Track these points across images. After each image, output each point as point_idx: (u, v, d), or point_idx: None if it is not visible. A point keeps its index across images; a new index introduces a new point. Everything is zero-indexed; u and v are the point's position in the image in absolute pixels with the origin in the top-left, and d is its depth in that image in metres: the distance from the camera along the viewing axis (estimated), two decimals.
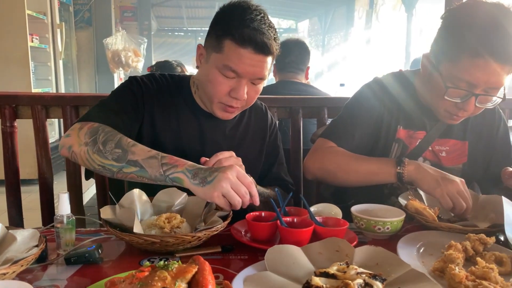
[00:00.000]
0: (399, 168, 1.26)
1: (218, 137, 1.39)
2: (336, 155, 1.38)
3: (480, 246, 0.98)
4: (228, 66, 1.21)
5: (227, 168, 1.03)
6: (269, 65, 1.25)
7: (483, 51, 1.19)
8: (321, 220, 1.11)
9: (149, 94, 1.33)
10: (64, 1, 5.37)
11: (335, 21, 10.66)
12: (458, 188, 1.19)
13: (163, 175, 1.07)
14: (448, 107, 1.31)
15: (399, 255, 0.96)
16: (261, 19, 1.21)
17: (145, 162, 1.08)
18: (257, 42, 1.18)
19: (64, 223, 1.00)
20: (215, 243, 1.06)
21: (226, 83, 1.23)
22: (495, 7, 1.23)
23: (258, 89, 1.30)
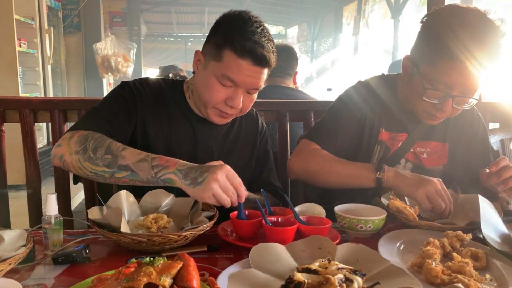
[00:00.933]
0: (379, 173, 1.30)
1: (210, 142, 1.41)
2: (319, 157, 1.42)
3: (457, 243, 1.02)
4: (227, 76, 1.23)
5: (217, 168, 1.05)
6: (265, 76, 1.29)
7: (460, 54, 1.23)
8: (305, 219, 1.14)
9: (142, 99, 1.34)
10: (52, 6, 5.35)
11: (324, 27, 10.77)
12: (437, 188, 1.22)
13: (154, 177, 1.08)
14: (426, 107, 1.36)
15: (380, 252, 0.99)
16: (261, 32, 1.23)
17: (136, 165, 1.10)
18: (257, 55, 1.20)
19: (52, 224, 1.01)
20: (201, 242, 1.08)
21: (223, 91, 1.26)
22: (472, 12, 1.28)
23: (253, 98, 1.33)
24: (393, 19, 6.52)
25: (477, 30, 1.24)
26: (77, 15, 5.76)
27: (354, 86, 1.57)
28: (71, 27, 5.78)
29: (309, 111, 2.00)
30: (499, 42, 1.25)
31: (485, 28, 1.24)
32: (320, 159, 1.42)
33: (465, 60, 1.23)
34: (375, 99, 1.50)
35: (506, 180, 1.27)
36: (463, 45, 1.23)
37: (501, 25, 1.26)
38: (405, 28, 6.37)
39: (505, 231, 1.12)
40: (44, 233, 1.02)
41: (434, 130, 1.51)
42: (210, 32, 1.30)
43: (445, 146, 1.53)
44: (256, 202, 1.13)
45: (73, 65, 5.90)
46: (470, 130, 1.56)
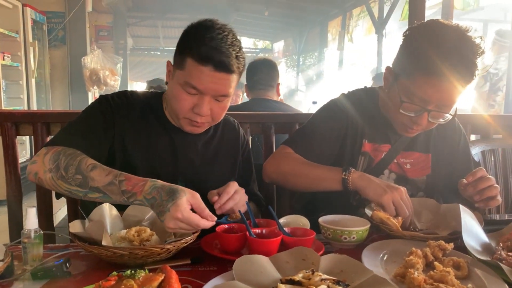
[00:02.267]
0: (344, 174, 1.32)
1: (191, 152, 1.41)
2: (290, 160, 1.45)
3: (439, 252, 1.03)
4: (189, 83, 1.23)
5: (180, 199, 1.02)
6: (233, 83, 1.27)
7: (437, 70, 1.25)
8: (289, 230, 1.14)
9: (120, 113, 1.33)
10: (37, 20, 5.32)
11: (309, 42, 10.92)
12: (402, 196, 1.25)
13: (127, 201, 1.10)
14: (403, 120, 1.38)
15: (364, 263, 0.99)
16: (223, 38, 1.22)
17: (106, 189, 1.11)
18: (216, 61, 1.20)
19: (31, 238, 0.99)
20: (185, 255, 1.07)
21: (189, 99, 1.26)
22: (453, 29, 1.30)
23: (224, 106, 1.31)
24: (377, 34, 6.65)
25: (456, 47, 1.26)
26: (62, 28, 5.73)
27: (337, 98, 1.60)
28: (56, 40, 5.73)
29: (294, 123, 2.02)
30: (477, 60, 1.27)
31: (463, 45, 1.27)
32: (291, 162, 1.44)
33: (442, 76, 1.26)
34: (358, 111, 1.52)
35: (481, 191, 1.28)
36: (441, 61, 1.25)
37: (480, 43, 1.28)
38: (388, 43, 6.49)
39: (485, 240, 1.13)
40: (24, 247, 0.99)
41: (417, 141, 1.54)
42: (178, 42, 1.30)
43: (428, 157, 1.56)
44: (241, 214, 1.12)
45: (58, 79, 5.84)
46: (452, 141, 1.59)
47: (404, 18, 5.72)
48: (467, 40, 1.28)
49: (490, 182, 1.29)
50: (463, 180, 1.33)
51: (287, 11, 9.24)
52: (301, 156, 1.45)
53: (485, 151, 2.08)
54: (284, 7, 8.80)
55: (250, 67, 2.72)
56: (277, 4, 8.43)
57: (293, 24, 10.93)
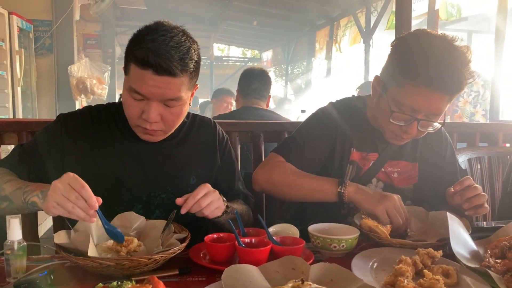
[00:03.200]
0: (340, 188, 1.32)
1: (159, 158, 1.36)
2: (283, 170, 1.44)
3: (428, 260, 1.03)
4: (133, 88, 1.19)
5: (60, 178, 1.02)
6: (183, 86, 1.20)
7: (426, 80, 1.27)
8: (278, 239, 1.13)
9: (75, 131, 1.31)
10: (24, 28, 5.26)
11: (298, 52, 11.00)
12: (395, 204, 1.26)
13: (24, 202, 1.10)
14: (393, 129, 1.39)
15: (353, 271, 0.99)
16: (165, 39, 1.15)
17: (12, 194, 1.13)
18: (156, 64, 1.13)
19: (14, 249, 0.97)
20: (173, 266, 1.06)
21: (136, 105, 1.21)
22: (440, 39, 1.32)
23: (177, 112, 1.25)
24: (364, 44, 6.73)
25: (444, 57, 1.28)
26: (49, 37, 5.67)
27: (325, 107, 1.60)
28: (43, 48, 5.66)
29: (283, 132, 2.02)
30: (465, 69, 1.29)
31: (451, 55, 1.28)
32: (284, 172, 1.43)
33: (431, 86, 1.27)
34: (346, 120, 1.53)
35: (470, 199, 1.29)
36: (429, 71, 1.27)
37: (467, 52, 1.31)
38: (376, 52, 6.57)
39: (473, 247, 1.14)
40: (6, 259, 0.97)
41: (404, 150, 1.55)
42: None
43: (415, 166, 1.57)
44: (230, 223, 1.11)
45: (45, 87, 5.76)
46: (438, 150, 1.60)
47: (389, 28, 5.80)
48: (454, 49, 1.30)
49: (477, 191, 1.30)
50: (450, 189, 1.34)
51: (276, 21, 9.31)
52: (292, 166, 1.44)
53: (472, 159, 2.10)
54: (272, 17, 8.87)
55: (247, 74, 2.74)
56: (266, 14, 8.49)
57: (281, 33, 11.01)
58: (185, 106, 1.27)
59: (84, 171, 1.23)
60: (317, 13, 8.17)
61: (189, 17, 8.85)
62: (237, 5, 8.05)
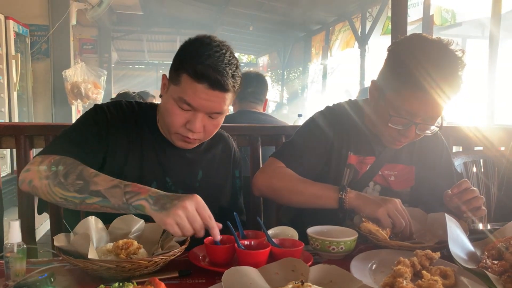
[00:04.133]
0: (341, 194, 1.32)
1: (180, 166, 1.39)
2: (283, 175, 1.44)
3: (426, 261, 1.04)
4: (183, 99, 1.22)
5: (188, 197, 1.04)
6: (228, 100, 1.26)
7: (422, 85, 1.28)
8: (277, 241, 1.14)
9: (114, 123, 1.32)
10: (20, 32, 5.26)
11: (294, 56, 11.05)
12: (397, 207, 1.26)
13: (126, 203, 1.08)
14: (391, 133, 1.41)
15: (352, 273, 1.00)
16: (220, 56, 1.21)
17: (108, 191, 1.09)
18: (211, 79, 1.19)
19: (14, 252, 0.96)
20: (172, 268, 1.06)
21: (182, 115, 1.25)
22: (435, 43, 1.34)
23: (217, 123, 1.31)
24: (360, 49, 6.78)
25: (440, 61, 1.29)
26: (46, 41, 5.66)
27: (322, 111, 1.61)
28: (40, 53, 5.65)
29: (281, 135, 2.03)
30: (460, 73, 1.31)
31: (447, 59, 1.30)
32: (284, 177, 1.44)
33: (427, 90, 1.29)
34: (343, 123, 1.54)
35: (468, 201, 1.30)
36: (426, 75, 1.28)
37: (462, 56, 1.32)
38: (371, 57, 6.62)
39: (471, 249, 1.15)
40: (6, 262, 0.97)
41: (400, 153, 1.56)
42: (174, 56, 1.30)
43: (411, 169, 1.58)
44: (229, 225, 1.12)
45: (41, 92, 5.75)
46: (434, 153, 1.61)
47: (385, 33, 5.85)
48: (449, 53, 1.32)
49: (475, 193, 1.32)
50: (448, 191, 1.35)
51: (272, 26, 9.37)
52: (293, 172, 1.45)
53: (467, 162, 2.12)
54: (268, 22, 8.92)
55: (243, 78, 2.74)
56: (262, 19, 8.54)
57: (277, 39, 11.07)
58: (222, 119, 1.33)
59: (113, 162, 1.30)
60: (313, 19, 8.23)
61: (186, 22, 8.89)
62: (233, 10, 8.10)
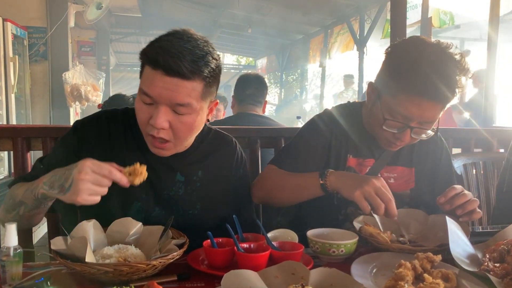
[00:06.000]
0: (321, 179, 1.29)
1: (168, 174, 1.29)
2: (273, 175, 1.44)
3: (428, 264, 1.03)
4: (142, 90, 1.14)
5: (79, 165, 1.02)
6: (194, 92, 1.13)
7: (418, 89, 1.27)
8: (277, 244, 1.12)
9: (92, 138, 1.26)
10: (18, 35, 5.24)
11: (292, 59, 11.07)
12: (375, 186, 1.18)
13: (36, 199, 1.11)
14: (386, 135, 1.40)
15: (353, 276, 0.99)
16: (179, 41, 1.11)
17: (24, 197, 1.14)
18: (165, 64, 1.09)
19: (10, 256, 0.95)
20: (171, 271, 1.05)
21: (145, 109, 1.16)
22: (433, 46, 1.32)
23: (187, 121, 1.17)
24: (358, 51, 6.78)
25: (436, 65, 1.27)
26: (44, 43, 5.65)
27: (319, 115, 1.61)
28: (38, 55, 5.64)
29: (280, 138, 2.02)
30: (458, 77, 1.29)
31: (444, 63, 1.29)
32: (274, 176, 1.44)
33: (423, 94, 1.28)
34: (341, 126, 1.53)
35: (462, 205, 1.27)
36: (422, 79, 1.27)
37: (461, 60, 1.31)
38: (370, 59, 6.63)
39: (472, 251, 1.14)
40: (2, 265, 0.95)
41: (400, 155, 1.55)
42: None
43: (411, 171, 1.57)
44: (228, 228, 1.10)
45: (39, 94, 5.73)
46: (434, 155, 1.61)
47: (385, 36, 5.86)
48: (448, 57, 1.30)
49: (466, 198, 1.28)
50: (441, 197, 1.31)
51: (270, 29, 9.37)
52: (282, 170, 1.45)
53: (467, 164, 2.11)
54: (266, 25, 8.93)
55: (242, 80, 2.75)
56: (260, 21, 8.55)
57: (275, 41, 11.08)
58: (197, 117, 1.19)
59: None
60: (311, 21, 8.24)
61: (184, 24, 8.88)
62: (231, 13, 8.10)
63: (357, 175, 1.31)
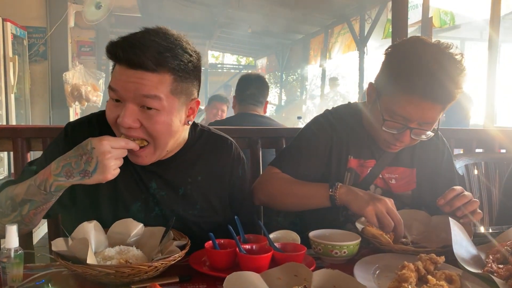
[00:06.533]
0: (331, 191, 1.31)
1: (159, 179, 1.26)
2: (277, 180, 1.43)
3: (431, 266, 1.02)
4: (110, 85, 1.11)
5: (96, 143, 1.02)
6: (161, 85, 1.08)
7: (418, 89, 1.26)
8: (279, 246, 1.12)
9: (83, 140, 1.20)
10: (18, 34, 5.23)
11: (292, 59, 11.05)
12: (387, 206, 1.23)
13: (48, 194, 1.06)
14: (386, 137, 1.39)
15: (356, 278, 0.98)
16: (144, 35, 1.08)
17: (28, 195, 1.08)
18: (127, 57, 1.05)
19: (11, 257, 0.94)
20: (173, 273, 1.04)
21: (112, 108, 1.12)
22: (433, 47, 1.31)
23: (157, 119, 1.10)
24: (359, 51, 6.77)
25: (436, 65, 1.26)
26: (43, 43, 5.64)
27: (321, 115, 1.60)
28: (37, 55, 5.62)
29: (281, 138, 2.01)
30: (458, 77, 1.28)
31: (443, 63, 1.27)
32: (278, 182, 1.43)
33: (423, 95, 1.27)
34: (342, 127, 1.52)
35: (462, 206, 1.27)
36: (422, 80, 1.25)
37: (461, 60, 1.30)
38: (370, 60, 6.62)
39: (475, 252, 1.14)
40: (2, 267, 0.95)
41: (401, 156, 1.54)
42: None
43: (412, 172, 1.56)
44: (230, 229, 1.10)
45: (39, 94, 5.72)
46: (435, 155, 1.60)
47: (386, 37, 5.85)
48: (448, 58, 1.29)
49: (466, 199, 1.28)
50: (440, 199, 1.31)
51: (270, 29, 9.36)
52: (287, 175, 1.44)
53: (469, 164, 2.10)
54: (267, 25, 8.92)
55: (243, 80, 2.74)
56: (260, 21, 8.54)
57: (276, 41, 11.06)
58: (172, 117, 1.12)
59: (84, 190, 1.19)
60: (311, 21, 8.23)
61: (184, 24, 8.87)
62: (232, 13, 8.09)
63: (366, 192, 1.31)
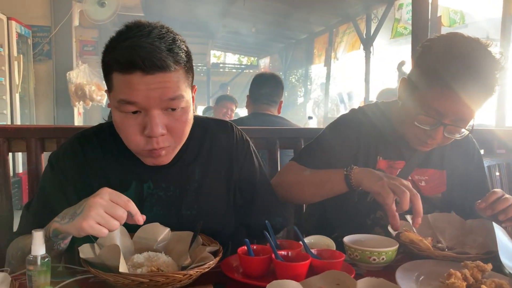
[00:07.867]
0: (346, 170, 1.27)
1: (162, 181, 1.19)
2: (293, 170, 1.43)
3: (478, 274, 0.97)
4: (123, 100, 0.99)
5: (96, 193, 0.92)
6: (180, 82, 1.01)
7: (455, 83, 1.22)
8: (315, 252, 1.07)
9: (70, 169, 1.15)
10: (22, 33, 5.19)
11: (296, 58, 10.99)
12: (402, 182, 1.17)
13: (49, 239, 0.97)
14: (418, 133, 1.34)
15: (400, 286, 0.93)
16: (143, 34, 0.97)
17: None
18: (140, 61, 0.94)
19: (38, 265, 0.89)
20: (205, 280, 0.99)
21: (132, 122, 1.01)
22: (472, 42, 1.27)
23: (183, 118, 1.04)
24: (364, 51, 6.72)
25: (475, 61, 1.23)
26: (48, 43, 5.60)
27: (347, 114, 1.56)
28: (42, 54, 5.59)
29: (299, 138, 1.96)
30: (496, 75, 1.24)
31: (484, 60, 1.24)
32: (294, 172, 1.41)
33: (459, 90, 1.23)
34: (370, 127, 1.47)
35: (504, 210, 1.23)
36: (460, 74, 1.22)
37: (500, 58, 1.26)
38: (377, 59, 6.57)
39: None
40: (29, 275, 0.89)
41: (431, 157, 1.49)
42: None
43: (443, 174, 1.51)
44: (266, 235, 1.05)
45: (43, 94, 5.68)
46: (466, 157, 1.55)
47: (394, 36, 5.80)
48: (488, 55, 1.25)
49: (508, 203, 1.24)
50: (480, 203, 1.27)
51: (273, 28, 9.31)
52: (303, 166, 1.41)
53: (490, 166, 2.06)
54: (270, 24, 8.87)
55: (257, 79, 2.69)
56: (263, 20, 8.49)
57: (279, 40, 11.01)
58: (190, 109, 1.06)
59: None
60: (316, 20, 8.18)
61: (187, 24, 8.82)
62: (235, 12, 8.04)
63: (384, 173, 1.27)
